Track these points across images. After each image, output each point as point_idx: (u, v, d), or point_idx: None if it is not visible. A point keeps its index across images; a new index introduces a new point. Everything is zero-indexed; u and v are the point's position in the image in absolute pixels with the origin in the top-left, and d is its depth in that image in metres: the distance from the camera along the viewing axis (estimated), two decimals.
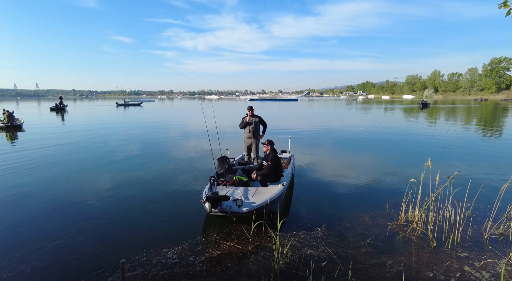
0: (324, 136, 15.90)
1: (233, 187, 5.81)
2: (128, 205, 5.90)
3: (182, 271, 3.71)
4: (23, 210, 5.66)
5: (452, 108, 42.60)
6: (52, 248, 4.23)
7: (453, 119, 26.25)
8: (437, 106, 49.35)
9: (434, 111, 37.05)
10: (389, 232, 4.76)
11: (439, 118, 27.01)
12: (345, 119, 26.17)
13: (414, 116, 30.25)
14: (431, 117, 28.01)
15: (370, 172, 8.42)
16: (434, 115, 30.96)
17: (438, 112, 34.80)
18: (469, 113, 33.66)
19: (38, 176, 7.92)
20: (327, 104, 66.40)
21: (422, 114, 31.64)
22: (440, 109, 41.94)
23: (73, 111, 38.73)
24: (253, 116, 8.16)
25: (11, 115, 20.78)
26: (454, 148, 12.05)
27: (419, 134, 15.87)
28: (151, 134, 16.42)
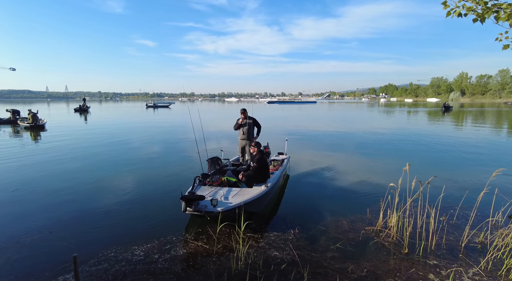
0: (330, 139, 15.67)
1: (218, 187, 5.88)
2: (112, 203, 6.10)
3: (143, 268, 3.81)
4: (16, 205, 6.00)
5: (479, 112, 40.64)
6: (30, 242, 4.47)
7: (476, 123, 25.08)
8: (463, 110, 47.18)
9: (457, 115, 35.53)
10: (363, 237, 4.66)
11: (459, 123, 25.89)
12: (358, 122, 25.63)
13: (433, 120, 29.15)
14: (451, 122, 26.88)
15: (363, 175, 8.23)
16: (456, 119, 29.70)
17: (461, 116, 33.35)
18: (499, 117, 32.00)
19: (42, 173, 8.35)
20: (347, 107, 65.30)
21: (442, 118, 30.44)
22: (465, 113, 40.12)
23: (96, 113, 40.25)
24: (247, 118, 8.22)
25: (35, 115, 22.03)
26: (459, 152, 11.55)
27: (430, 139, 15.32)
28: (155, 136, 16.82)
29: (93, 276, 3.62)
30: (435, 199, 4.89)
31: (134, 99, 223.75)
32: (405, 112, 42.70)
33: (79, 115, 34.86)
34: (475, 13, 2.53)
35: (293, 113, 42.48)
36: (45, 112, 40.65)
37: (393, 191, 4.76)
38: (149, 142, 14.75)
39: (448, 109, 42.45)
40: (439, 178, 7.77)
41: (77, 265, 3.06)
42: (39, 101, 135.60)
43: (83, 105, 42.14)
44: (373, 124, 23.80)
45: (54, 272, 3.70)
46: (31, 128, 20.27)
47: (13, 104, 54.14)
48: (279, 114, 39.48)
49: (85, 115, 34.42)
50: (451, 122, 25.90)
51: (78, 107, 42.04)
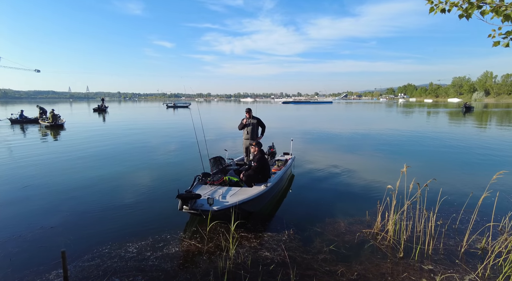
0: (342, 139, 15.43)
1: (218, 186, 5.92)
2: (113, 200, 6.24)
3: (134, 264, 3.88)
4: (24, 200, 6.24)
5: (504, 113, 38.88)
6: (31, 237, 4.64)
7: (498, 124, 24.06)
8: (486, 110, 45.24)
9: (479, 115, 34.14)
10: (359, 240, 4.56)
11: (479, 124, 24.89)
12: (373, 123, 25.10)
13: (452, 121, 28.17)
14: (470, 123, 25.88)
15: (370, 176, 8.07)
16: (477, 120, 28.56)
17: (483, 117, 32.04)
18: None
19: (52, 170, 8.65)
20: (363, 107, 64.11)
21: (462, 119, 29.38)
22: (488, 113, 38.53)
23: (114, 113, 41.30)
24: (251, 118, 8.22)
25: (55, 115, 22.89)
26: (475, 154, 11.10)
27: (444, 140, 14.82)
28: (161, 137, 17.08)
29: (84, 271, 3.72)
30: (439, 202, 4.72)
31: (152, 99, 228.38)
32: (423, 113, 41.48)
33: (97, 115, 35.93)
34: (460, 8, 2.42)
35: (307, 113, 42.14)
36: (67, 112, 42.19)
37: (392, 192, 4.63)
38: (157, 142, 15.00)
39: (469, 109, 40.85)
40: (444, 179, 7.58)
41: (65, 259, 3.16)
42: (62, 101, 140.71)
43: (102, 105, 43.41)
44: (388, 125, 23.26)
45: (48, 266, 3.82)
46: (51, 127, 21.07)
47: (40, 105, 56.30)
48: (293, 115, 39.26)
49: (103, 115, 35.43)
50: (470, 123, 24.95)
51: (97, 107, 43.32)
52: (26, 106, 59.86)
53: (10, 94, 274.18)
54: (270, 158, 8.74)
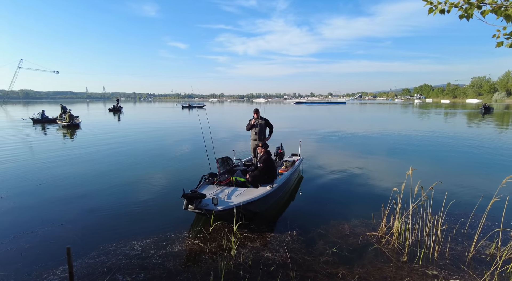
0: (353, 140, 15.25)
1: (225, 186, 5.97)
2: (122, 199, 6.39)
3: (138, 262, 3.96)
4: (38, 197, 6.46)
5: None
6: (43, 233, 4.81)
7: None
8: (507, 112, 43.55)
9: (498, 117, 33.01)
10: (363, 243, 4.51)
11: (497, 125, 24.09)
12: (386, 124, 24.67)
13: (470, 122, 27.37)
14: (489, 124, 25.07)
15: (378, 178, 7.97)
16: (496, 121, 27.63)
17: (504, 118, 30.98)
18: None
19: (65, 168, 8.91)
20: (378, 108, 63.12)
21: (480, 120, 28.50)
22: (509, 115, 37.21)
23: (129, 113, 42.10)
24: (259, 119, 8.23)
25: (72, 115, 23.58)
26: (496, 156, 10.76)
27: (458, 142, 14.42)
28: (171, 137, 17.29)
29: (90, 268, 3.83)
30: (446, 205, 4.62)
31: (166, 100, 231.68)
32: (440, 114, 40.47)
33: (112, 115, 36.74)
34: (460, 9, 2.37)
35: (320, 114, 41.84)
36: (84, 112, 43.33)
37: (397, 195, 4.55)
38: (167, 143, 15.22)
39: (489, 111, 39.55)
40: (454, 182, 7.41)
41: (70, 256, 3.25)
42: (80, 101, 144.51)
43: (117, 105, 44.33)
44: (402, 126, 22.83)
45: (56, 262, 3.95)
46: (68, 127, 21.68)
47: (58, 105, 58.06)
48: (305, 115, 39.05)
49: (118, 115, 36.20)
50: (489, 125, 24.18)
51: (112, 107, 44.27)
52: (46, 106, 61.86)
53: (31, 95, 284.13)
54: (278, 158, 8.74)
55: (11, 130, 20.24)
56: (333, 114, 41.85)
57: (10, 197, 6.49)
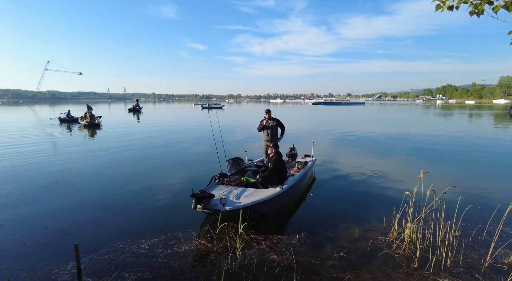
0: (369, 142, 14.91)
1: (235, 187, 5.97)
2: (134, 198, 6.52)
3: (144, 261, 4.02)
4: (54, 195, 6.69)
5: None
6: (56, 229, 4.97)
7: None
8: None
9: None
10: (372, 247, 4.38)
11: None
12: (405, 125, 23.98)
13: (496, 124, 26.16)
14: None
15: (392, 181, 7.75)
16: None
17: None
18: None
19: (82, 167, 9.20)
20: (398, 108, 61.50)
21: (508, 122, 27.20)
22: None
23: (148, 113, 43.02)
24: (271, 120, 8.19)
25: (93, 115, 24.35)
26: None
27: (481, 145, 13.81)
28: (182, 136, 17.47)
29: (98, 264, 3.92)
30: (461, 210, 4.43)
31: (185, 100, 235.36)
32: (464, 115, 38.95)
33: (132, 115, 37.67)
34: (471, 5, 2.25)
35: (337, 115, 41.25)
36: (105, 111, 44.64)
37: (409, 199, 4.40)
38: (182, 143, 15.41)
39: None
40: (473, 187, 7.10)
41: (78, 252, 3.33)
42: (102, 101, 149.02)
43: (136, 105, 45.38)
44: (422, 127, 22.12)
45: (67, 257, 4.07)
46: (89, 126, 22.39)
47: (81, 105, 60.17)
48: (321, 116, 38.60)
49: (138, 115, 37.07)
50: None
51: (132, 107, 45.36)
52: (71, 106, 64.22)
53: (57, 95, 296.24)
54: (291, 159, 8.67)
55: (38, 129, 21.12)
56: (352, 115, 41.13)
57: (30, 193, 6.76)
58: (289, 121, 27.65)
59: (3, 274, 3.73)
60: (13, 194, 6.68)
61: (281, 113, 40.32)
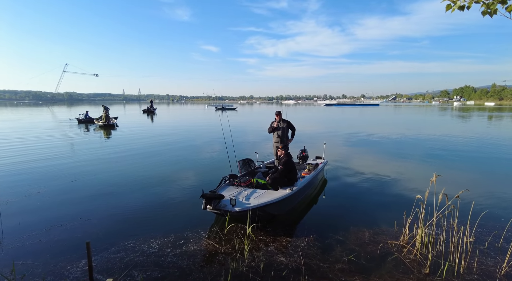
0: (382, 144, 14.67)
1: (244, 188, 5.99)
2: (145, 198, 6.63)
3: (154, 260, 4.08)
4: (70, 193, 6.88)
5: None
6: (70, 227, 5.10)
7: None
8: None
9: None
10: (382, 251, 4.31)
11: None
12: (419, 127, 23.47)
13: None
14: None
15: (405, 184, 7.60)
16: None
17: None
18: None
19: (98, 167, 9.42)
20: (413, 110, 60.29)
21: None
22: None
23: (162, 114, 43.66)
24: (281, 121, 8.18)
25: (108, 116, 24.90)
26: None
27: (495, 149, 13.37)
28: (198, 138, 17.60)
29: (109, 262, 4.00)
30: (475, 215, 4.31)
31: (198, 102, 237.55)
32: (483, 117, 37.84)
33: (146, 116, 38.31)
34: (483, 4, 2.19)
35: (350, 116, 40.78)
36: (120, 112, 45.55)
37: (421, 203, 4.31)
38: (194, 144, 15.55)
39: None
40: (487, 191, 6.88)
41: (90, 250, 3.43)
42: (117, 103, 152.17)
43: (150, 107, 46.12)
44: (438, 130, 21.61)
45: (80, 255, 4.17)
46: (104, 127, 22.90)
47: (98, 106, 61.64)
48: (334, 118, 38.25)
49: (152, 116, 37.68)
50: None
51: (146, 109, 46.12)
52: (88, 107, 65.78)
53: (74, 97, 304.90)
54: (302, 161, 8.62)
55: (57, 129, 21.75)
56: (365, 116, 40.59)
57: (47, 192, 6.97)
58: (301, 122, 27.53)
59: (19, 269, 3.85)
60: (31, 192, 6.90)
61: (293, 115, 40.48)
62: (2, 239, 4.71)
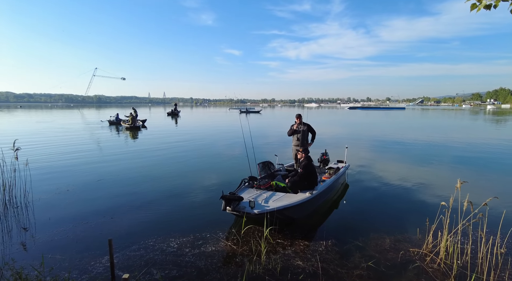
0: (408, 149, 14.18)
1: (264, 190, 6.00)
2: (166, 198, 6.80)
3: (172, 259, 4.17)
4: (95, 192, 7.18)
5: None
6: (95, 224, 5.32)
7: None
8: None
9: None
10: (404, 259, 4.16)
11: None
12: (447, 132, 22.49)
13: None
14: None
15: (428, 191, 7.32)
16: None
17: None
18: None
19: (123, 167, 9.77)
20: (441, 114, 57.89)
21: None
22: None
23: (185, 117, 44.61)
24: (302, 124, 8.12)
25: (134, 118, 25.76)
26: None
27: None
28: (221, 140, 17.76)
29: (130, 260, 4.13)
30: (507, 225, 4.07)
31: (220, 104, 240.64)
32: None
33: (170, 119, 39.30)
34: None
35: (375, 120, 39.77)
36: (146, 115, 46.93)
37: (445, 210, 4.13)
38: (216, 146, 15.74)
39: None
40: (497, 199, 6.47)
41: (112, 247, 3.55)
42: (143, 105, 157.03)
43: (175, 109, 47.29)
44: (467, 135, 20.64)
45: (103, 251, 4.32)
46: (130, 129, 23.70)
47: (124, 109, 63.89)
48: (358, 121, 37.46)
49: (176, 119, 38.60)
50: None
51: (170, 111, 47.34)
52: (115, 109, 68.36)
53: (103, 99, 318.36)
54: (322, 165, 8.51)
55: (88, 131, 22.78)
56: (390, 120, 39.46)
57: (74, 190, 7.31)
58: (323, 125, 27.20)
59: (48, 262, 4.06)
60: (61, 190, 7.27)
61: (315, 118, 40.15)
62: (35, 233, 4.99)
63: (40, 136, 18.38)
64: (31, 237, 4.86)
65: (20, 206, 6.18)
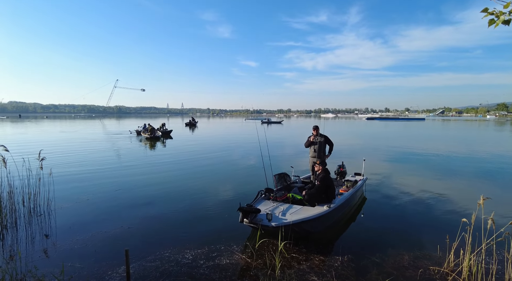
0: (425, 161, 13.77)
1: (281, 202, 5.98)
2: (182, 209, 6.87)
3: (187, 270, 4.19)
4: (113, 201, 7.35)
5: None
6: (113, 234, 5.44)
7: None
8: None
9: None
10: (423, 278, 4.01)
11: None
12: (468, 144, 21.69)
13: None
14: None
15: (448, 207, 7.06)
16: None
17: None
18: None
19: (140, 177, 9.97)
20: (464, 125, 56.05)
21: None
22: None
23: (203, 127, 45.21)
24: (318, 136, 8.08)
25: (153, 128, 26.47)
26: None
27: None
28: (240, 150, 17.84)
29: (145, 270, 4.19)
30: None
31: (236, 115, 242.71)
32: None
33: (188, 129, 39.96)
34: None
35: (393, 130, 38.95)
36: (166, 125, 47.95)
37: (468, 227, 3.97)
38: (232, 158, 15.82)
39: None
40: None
41: (128, 257, 3.61)
42: (161, 116, 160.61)
43: (192, 120, 48.15)
44: (492, 147, 19.85)
45: (120, 261, 4.39)
46: (150, 139, 24.28)
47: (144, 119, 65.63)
48: (375, 132, 36.79)
49: (193, 129, 39.21)
50: None
51: (188, 122, 48.21)
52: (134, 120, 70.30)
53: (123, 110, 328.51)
54: (339, 177, 8.40)
55: (112, 141, 23.47)
56: (410, 131, 38.50)
57: (94, 199, 7.52)
58: (340, 136, 26.89)
59: (68, 271, 4.18)
60: (81, 199, 7.50)
61: (331, 128, 39.78)
62: (56, 241, 5.16)
63: (62, 146, 19.08)
64: (53, 245, 5.02)
65: (43, 214, 6.40)
